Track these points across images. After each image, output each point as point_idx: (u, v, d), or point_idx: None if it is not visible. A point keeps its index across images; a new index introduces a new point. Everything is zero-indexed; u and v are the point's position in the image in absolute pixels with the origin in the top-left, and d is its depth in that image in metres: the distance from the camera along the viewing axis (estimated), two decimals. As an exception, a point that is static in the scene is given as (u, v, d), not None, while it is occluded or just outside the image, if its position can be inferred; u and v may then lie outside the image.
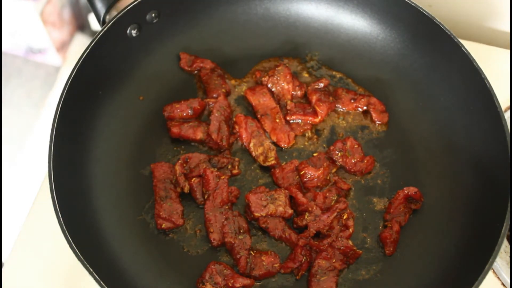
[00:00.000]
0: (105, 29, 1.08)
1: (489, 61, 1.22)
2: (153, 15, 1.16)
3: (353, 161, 1.11)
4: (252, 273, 1.01)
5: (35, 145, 2.42)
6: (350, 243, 1.02)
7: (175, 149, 1.13)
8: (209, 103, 1.15)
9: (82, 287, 1.06)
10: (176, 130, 1.12)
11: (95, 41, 1.06)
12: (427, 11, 1.12)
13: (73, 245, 0.91)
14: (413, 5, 1.13)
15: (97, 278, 0.89)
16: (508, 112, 1.23)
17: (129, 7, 1.09)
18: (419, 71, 1.19)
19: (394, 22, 1.19)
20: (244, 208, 1.07)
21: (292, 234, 1.04)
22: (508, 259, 1.09)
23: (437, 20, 1.11)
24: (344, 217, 1.04)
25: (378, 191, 1.11)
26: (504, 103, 1.23)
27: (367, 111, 1.18)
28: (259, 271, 1.01)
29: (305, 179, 1.09)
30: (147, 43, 1.18)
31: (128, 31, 1.13)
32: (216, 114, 1.12)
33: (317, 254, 1.02)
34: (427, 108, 1.17)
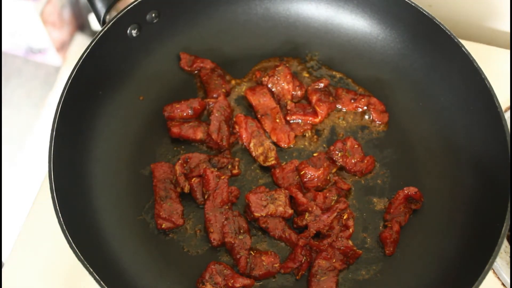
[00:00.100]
0: (105, 29, 1.08)
1: (489, 61, 1.22)
2: (153, 15, 1.16)
3: (353, 161, 1.11)
4: (252, 273, 1.01)
5: (35, 145, 2.42)
6: (350, 243, 1.02)
7: (175, 149, 1.13)
8: (209, 103, 1.15)
9: (82, 287, 1.06)
10: (176, 130, 1.12)
11: (95, 41, 1.06)
12: (427, 11, 1.12)
13: (73, 245, 0.91)
14: (413, 5, 1.13)
15: (97, 278, 0.89)
16: (508, 112, 1.23)
17: (129, 7, 1.09)
18: (419, 71, 1.19)
19: (394, 22, 1.19)
20: (244, 208, 1.07)
21: (292, 234, 1.04)
22: (508, 259, 1.09)
23: (437, 20, 1.11)
24: (344, 217, 1.04)
25: (378, 191, 1.11)
26: (504, 103, 1.23)
27: (367, 111, 1.18)
28: (259, 271, 1.01)
29: (305, 179, 1.09)
30: (147, 43, 1.18)
31: (128, 31, 1.13)
32: (216, 114, 1.12)
33: (317, 254, 1.02)
34: (427, 108, 1.17)
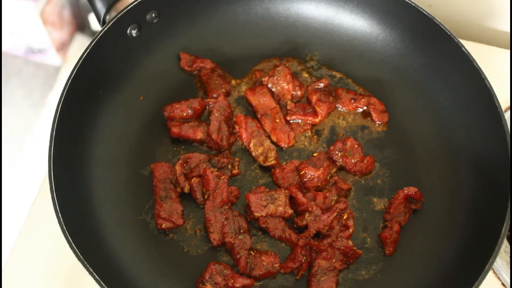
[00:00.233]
0: (105, 29, 1.08)
1: (489, 61, 1.22)
2: (153, 15, 1.16)
3: (353, 161, 1.11)
4: (252, 273, 1.01)
5: (35, 145, 2.42)
6: (350, 243, 1.02)
7: (175, 149, 1.13)
8: (209, 103, 1.15)
9: (82, 287, 1.06)
10: (176, 130, 1.12)
11: (95, 41, 1.06)
12: (427, 11, 1.12)
13: (73, 245, 0.90)
14: (413, 5, 1.13)
15: (97, 278, 0.89)
16: (508, 112, 1.23)
17: (129, 7, 1.09)
18: (419, 71, 1.19)
19: (394, 22, 1.19)
20: (244, 208, 1.07)
21: (292, 234, 1.04)
22: (508, 259, 1.09)
23: (437, 20, 1.11)
24: (344, 217, 1.04)
25: (378, 191, 1.11)
26: (504, 103, 1.23)
27: (367, 111, 1.18)
28: (259, 271, 1.01)
29: (305, 179, 1.09)
30: (147, 43, 1.18)
31: (128, 31, 1.13)
32: (216, 114, 1.12)
33: (317, 254, 1.02)
34: (427, 108, 1.17)
